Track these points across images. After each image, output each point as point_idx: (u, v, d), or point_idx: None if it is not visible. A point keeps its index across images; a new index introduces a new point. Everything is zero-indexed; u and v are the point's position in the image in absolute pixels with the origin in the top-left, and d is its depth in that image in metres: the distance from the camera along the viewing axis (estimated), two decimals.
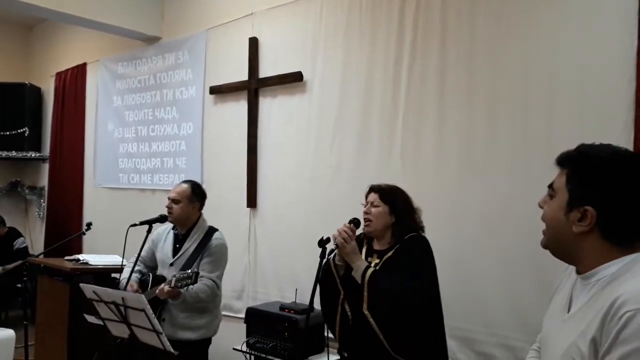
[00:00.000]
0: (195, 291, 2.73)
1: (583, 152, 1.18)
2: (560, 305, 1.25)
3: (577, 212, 1.15)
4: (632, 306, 1.00)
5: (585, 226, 1.13)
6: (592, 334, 1.06)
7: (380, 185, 2.43)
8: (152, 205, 4.54)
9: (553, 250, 1.24)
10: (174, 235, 3.01)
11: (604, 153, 1.15)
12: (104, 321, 2.56)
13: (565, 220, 1.17)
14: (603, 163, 1.14)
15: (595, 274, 1.14)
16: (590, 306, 1.11)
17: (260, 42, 4.12)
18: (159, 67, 4.97)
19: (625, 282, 1.06)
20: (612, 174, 1.12)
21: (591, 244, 1.14)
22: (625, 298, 1.02)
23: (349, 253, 2.24)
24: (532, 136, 2.73)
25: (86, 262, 3.77)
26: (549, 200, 1.23)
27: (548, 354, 1.23)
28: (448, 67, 3.07)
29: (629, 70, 2.47)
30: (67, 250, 4.62)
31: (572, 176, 1.17)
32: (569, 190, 1.17)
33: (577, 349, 1.09)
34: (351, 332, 2.29)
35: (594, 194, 1.12)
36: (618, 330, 1.00)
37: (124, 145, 5.31)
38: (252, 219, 4.13)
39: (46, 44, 6.61)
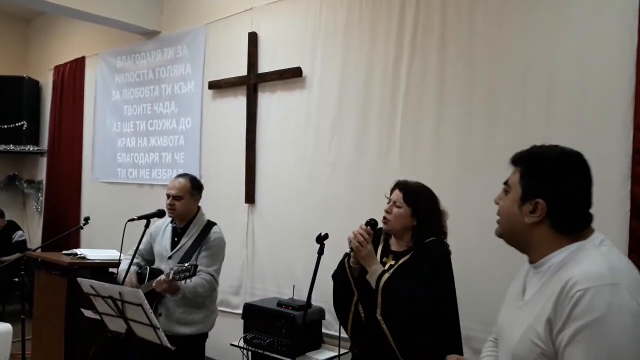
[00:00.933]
0: (193, 286, 2.72)
1: (534, 152, 1.33)
2: (515, 295, 1.37)
3: (529, 205, 1.28)
4: (582, 286, 1.12)
5: (536, 217, 1.27)
6: (547, 315, 1.16)
7: (406, 183, 2.31)
8: (151, 200, 4.53)
9: (507, 239, 1.38)
10: (172, 228, 3.01)
11: (552, 152, 1.30)
12: (101, 316, 2.55)
13: (519, 212, 1.30)
14: (552, 161, 1.28)
15: (545, 262, 1.27)
16: (542, 292, 1.23)
17: (259, 37, 4.11)
18: (158, 62, 4.95)
19: (573, 267, 1.18)
20: (560, 171, 1.26)
21: (542, 233, 1.27)
22: (575, 280, 1.14)
23: (365, 257, 2.17)
24: (531, 135, 2.72)
25: (84, 256, 3.76)
26: (504, 196, 1.36)
27: (505, 341, 1.32)
28: (447, 65, 3.06)
29: (628, 69, 2.47)
30: (65, 245, 4.61)
31: (525, 173, 1.31)
32: (522, 185, 1.30)
33: (534, 331, 1.19)
34: (363, 331, 2.25)
35: (544, 188, 1.26)
36: (571, 308, 1.11)
37: (123, 140, 5.30)
38: (250, 215, 4.13)
39: (44, 37, 6.59)
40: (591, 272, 1.14)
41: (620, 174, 2.47)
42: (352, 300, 2.26)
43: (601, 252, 1.20)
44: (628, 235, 2.44)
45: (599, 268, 1.14)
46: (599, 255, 1.19)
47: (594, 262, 1.17)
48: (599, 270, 1.14)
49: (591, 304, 1.09)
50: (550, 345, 1.15)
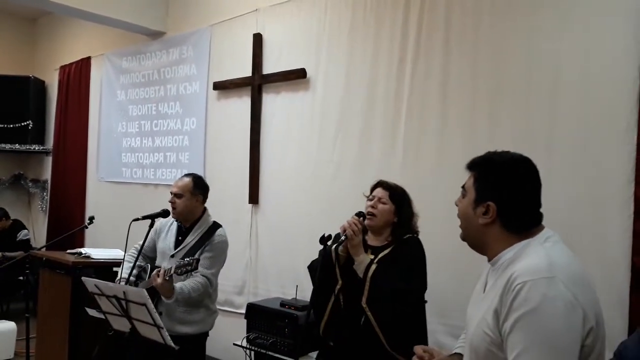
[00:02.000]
0: (187, 291, 2.72)
1: (487, 158, 1.44)
2: (478, 290, 1.49)
3: (482, 207, 1.38)
4: (522, 279, 1.22)
5: (488, 218, 1.37)
6: (494, 306, 1.27)
7: (389, 183, 2.44)
8: (155, 200, 4.55)
9: (469, 242, 1.48)
10: (178, 227, 3.02)
11: (503, 159, 1.41)
12: (105, 315, 2.57)
13: (473, 214, 1.41)
14: (502, 167, 1.39)
15: (499, 259, 1.37)
16: (495, 286, 1.34)
17: (264, 38, 4.12)
18: (163, 62, 4.97)
19: (518, 263, 1.29)
20: (508, 176, 1.37)
21: (494, 233, 1.38)
22: (517, 274, 1.24)
23: (355, 246, 2.26)
24: (535, 136, 2.73)
25: (88, 255, 3.77)
26: (462, 199, 1.46)
27: (469, 331, 1.41)
28: (451, 66, 3.07)
29: (632, 71, 2.47)
30: (70, 244, 4.63)
31: (478, 178, 1.42)
32: (475, 189, 1.41)
33: (485, 322, 1.30)
34: (342, 321, 2.31)
35: (495, 192, 1.36)
36: (512, 300, 1.22)
37: (127, 140, 5.32)
38: (254, 215, 4.14)
39: (50, 37, 6.62)
40: (530, 267, 1.24)
41: (624, 175, 2.47)
42: (334, 289, 2.33)
43: (544, 248, 1.29)
44: (631, 236, 2.44)
45: (538, 263, 1.25)
46: (541, 251, 1.28)
47: (535, 257, 1.27)
48: (537, 264, 1.24)
49: (528, 295, 1.20)
50: (497, 334, 1.26)
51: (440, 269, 2.90)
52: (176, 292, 2.67)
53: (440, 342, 3.04)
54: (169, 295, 2.66)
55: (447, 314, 2.93)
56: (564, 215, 2.56)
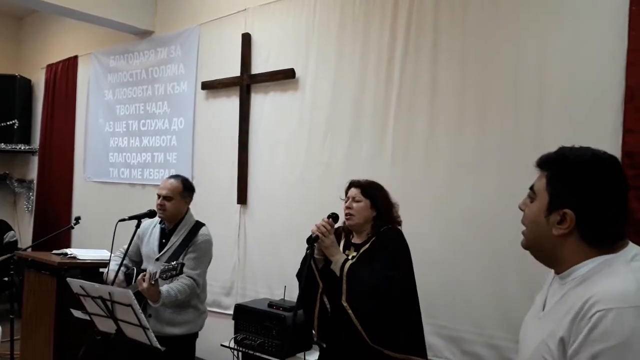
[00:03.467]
0: (174, 294, 2.71)
1: (563, 155, 1.19)
2: (538, 304, 1.27)
3: (556, 214, 1.15)
4: (603, 306, 1.01)
5: (564, 229, 1.15)
6: (561, 333, 1.07)
7: (360, 181, 2.47)
8: (142, 200, 4.51)
9: (534, 252, 1.25)
10: (160, 229, 3.00)
11: (583, 156, 1.16)
12: (90, 316, 2.54)
13: (545, 222, 1.18)
14: (582, 166, 1.15)
15: (570, 273, 1.16)
16: (561, 305, 1.13)
17: (253, 38, 4.11)
18: (151, 62, 4.94)
19: (596, 283, 1.07)
20: (591, 178, 1.13)
21: (570, 246, 1.15)
22: (596, 298, 1.03)
23: (328, 247, 2.28)
24: (522, 136, 2.75)
25: (74, 256, 3.73)
26: (529, 203, 1.24)
27: (523, 350, 1.24)
28: (440, 67, 3.08)
29: (618, 74, 2.49)
30: (56, 245, 4.58)
31: (552, 179, 1.18)
32: (549, 193, 1.18)
33: (546, 347, 1.10)
34: (330, 323, 2.33)
35: (573, 197, 1.14)
36: (589, 330, 1.01)
37: (115, 140, 5.28)
38: (242, 216, 4.12)
39: (37, 36, 6.55)
40: (615, 291, 1.02)
41: None
42: (318, 293, 2.34)
43: (631, 269, 1.07)
44: None
45: (625, 287, 1.03)
46: (628, 272, 1.06)
47: (620, 279, 1.05)
48: (625, 289, 1.02)
49: (612, 327, 0.98)
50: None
51: (428, 268, 2.90)
52: (163, 296, 2.66)
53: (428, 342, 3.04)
54: (155, 299, 2.65)
55: (435, 314, 2.93)
56: None
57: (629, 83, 2.46)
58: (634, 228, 2.41)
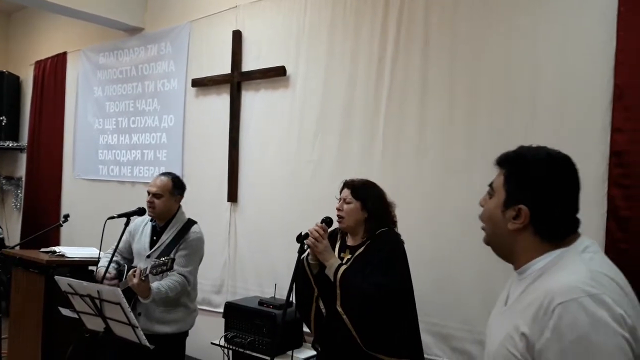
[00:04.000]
0: (165, 291, 2.69)
1: (520, 154, 1.26)
2: (501, 300, 1.33)
3: (512, 210, 1.22)
4: (562, 299, 1.06)
5: (519, 224, 1.21)
6: (524, 328, 1.11)
7: (353, 181, 2.43)
8: (132, 198, 4.49)
9: (493, 247, 1.32)
10: (152, 227, 2.98)
11: (538, 155, 1.23)
12: (79, 314, 2.53)
13: (502, 217, 1.24)
14: (537, 165, 1.21)
15: (527, 268, 1.22)
16: (522, 299, 1.18)
17: (243, 35, 4.09)
18: (141, 59, 4.91)
19: (552, 277, 1.13)
20: (545, 176, 1.19)
21: (525, 240, 1.22)
22: (554, 292, 1.08)
23: (322, 252, 2.26)
24: (512, 135, 2.76)
25: (62, 254, 3.71)
26: (488, 199, 1.30)
27: (488, 345, 1.29)
28: (430, 65, 3.08)
29: (607, 73, 2.51)
30: (45, 243, 4.54)
31: (509, 177, 1.25)
32: (506, 189, 1.24)
33: (511, 340, 1.14)
34: (325, 327, 2.32)
35: (528, 193, 1.20)
36: (554, 325, 1.05)
37: (104, 137, 5.24)
38: (232, 214, 4.11)
39: (25, 32, 6.48)
40: (571, 283, 1.08)
41: (598, 175, 2.51)
42: (313, 297, 2.33)
43: (582, 260, 1.13)
44: (604, 236, 2.48)
45: (578, 278, 1.08)
46: (580, 264, 1.12)
47: (573, 271, 1.11)
48: (579, 279, 1.08)
49: (574, 318, 1.03)
50: (528, 358, 1.10)
51: (419, 266, 2.90)
52: (153, 292, 2.64)
53: None
54: (145, 295, 2.63)
55: (427, 312, 2.94)
56: None
57: (617, 82, 2.47)
58: (621, 225, 2.44)
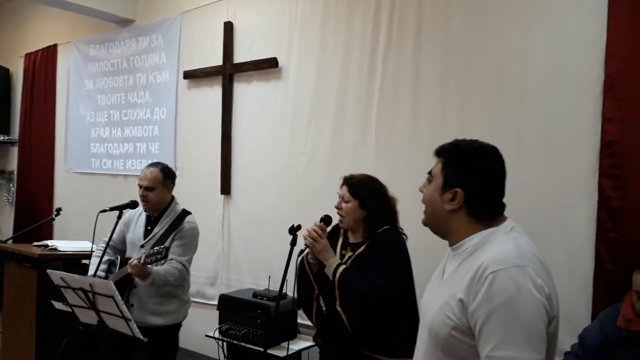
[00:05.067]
0: (164, 274, 2.70)
1: (455, 145, 1.44)
2: (437, 275, 1.50)
3: (449, 193, 1.38)
4: (493, 268, 1.22)
5: (455, 204, 1.37)
6: (460, 295, 1.27)
7: (352, 177, 2.39)
8: (124, 191, 4.47)
9: (432, 227, 1.47)
10: (146, 217, 2.97)
11: (472, 147, 1.41)
12: (72, 308, 2.52)
13: (439, 200, 1.40)
14: (471, 154, 1.39)
15: (462, 245, 1.38)
16: (458, 272, 1.34)
17: (235, 27, 4.07)
18: (132, 51, 4.87)
19: (485, 251, 1.30)
20: (477, 164, 1.37)
21: (459, 219, 1.38)
22: (487, 263, 1.24)
23: (320, 251, 2.25)
24: (504, 126, 2.77)
25: (55, 248, 3.70)
26: (428, 185, 1.46)
27: (425, 316, 1.42)
28: (423, 57, 3.08)
29: (598, 64, 2.52)
30: (37, 236, 4.53)
31: (446, 164, 1.41)
32: (443, 175, 1.40)
33: (448, 306, 1.30)
34: (325, 323, 2.33)
35: (463, 178, 1.36)
36: (485, 289, 1.22)
37: (96, 130, 5.21)
38: (225, 206, 4.11)
39: (15, 24, 6.41)
40: (501, 256, 1.25)
41: (589, 166, 2.53)
42: (314, 295, 2.33)
43: (510, 238, 1.31)
44: (595, 225, 2.50)
45: (508, 251, 1.25)
46: (508, 241, 1.29)
47: (503, 246, 1.28)
48: (508, 253, 1.25)
49: (503, 284, 1.20)
50: (464, 321, 1.25)
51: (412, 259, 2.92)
52: (153, 273, 2.63)
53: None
54: (145, 276, 2.62)
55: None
56: (530, 204, 2.61)
57: (608, 73, 2.49)
58: (612, 215, 2.46)
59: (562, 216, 2.60)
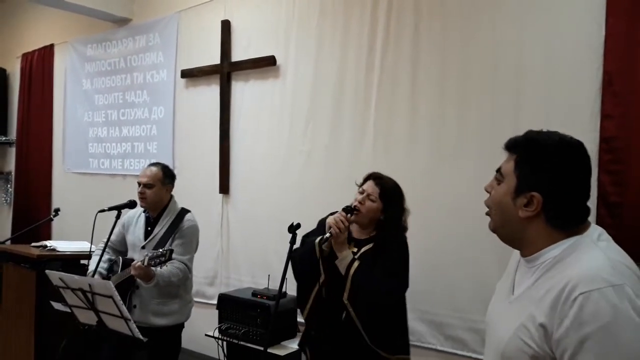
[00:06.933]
0: (167, 275, 2.69)
1: (531, 139, 1.20)
2: (505, 289, 1.28)
3: (523, 197, 1.17)
4: (584, 289, 1.03)
5: (531, 211, 1.17)
6: (542, 319, 1.08)
7: (382, 178, 2.35)
8: (123, 191, 4.46)
9: (501, 234, 1.27)
10: (146, 218, 2.97)
11: (551, 140, 1.18)
12: (71, 308, 2.51)
13: (512, 204, 1.20)
14: (550, 150, 1.16)
15: (539, 257, 1.18)
16: (536, 289, 1.14)
17: (232, 25, 4.06)
18: (130, 50, 4.86)
19: (571, 266, 1.10)
20: (558, 162, 1.15)
21: (536, 228, 1.17)
22: (575, 282, 1.05)
23: (341, 243, 2.23)
24: (501, 122, 2.77)
25: (53, 248, 3.68)
26: (496, 185, 1.26)
27: (495, 335, 1.24)
28: (420, 54, 3.08)
29: (596, 60, 2.52)
30: (36, 237, 4.51)
31: (521, 162, 1.20)
32: (517, 175, 1.19)
33: (526, 331, 1.11)
34: (324, 313, 2.32)
35: (541, 180, 1.15)
36: (575, 314, 1.03)
37: (94, 130, 5.20)
38: (224, 205, 4.10)
39: (11, 24, 6.39)
40: (592, 273, 1.06)
41: None
42: (317, 282, 2.31)
43: (600, 249, 1.11)
44: (595, 221, 2.50)
45: (599, 267, 1.06)
46: (598, 252, 1.10)
47: (593, 260, 1.08)
48: (600, 269, 1.06)
49: (597, 308, 1.01)
50: (546, 349, 1.08)
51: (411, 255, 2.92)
52: (157, 275, 2.63)
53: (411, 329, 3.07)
54: (149, 278, 2.61)
55: (420, 301, 2.96)
56: None
57: (606, 69, 2.48)
58: (610, 211, 2.46)
59: None
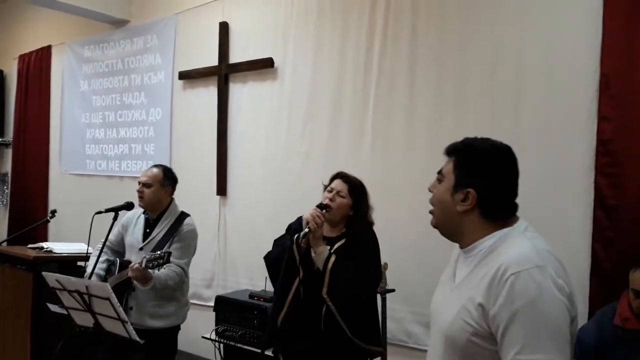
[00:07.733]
0: (164, 278, 2.69)
1: (468, 144, 1.39)
2: (447, 279, 1.44)
3: (461, 193, 1.33)
4: (513, 270, 1.19)
5: (467, 205, 1.32)
6: (479, 299, 1.23)
7: (349, 176, 2.42)
8: (120, 192, 4.45)
9: (442, 229, 1.42)
10: (145, 219, 2.96)
11: (484, 145, 1.36)
12: (67, 310, 2.50)
13: (451, 200, 1.35)
14: (484, 155, 1.34)
15: (475, 247, 1.33)
16: (474, 275, 1.30)
17: (230, 27, 4.06)
18: (127, 51, 4.86)
19: (502, 253, 1.25)
20: (490, 163, 1.33)
21: (472, 220, 1.33)
22: (506, 265, 1.20)
23: (318, 238, 2.26)
24: (499, 124, 2.77)
25: (50, 250, 3.67)
26: (438, 184, 1.41)
27: (439, 321, 1.37)
28: (418, 56, 3.08)
29: (593, 63, 2.52)
30: (32, 239, 4.49)
31: (459, 164, 1.36)
32: (455, 175, 1.35)
33: (467, 312, 1.25)
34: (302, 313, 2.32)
35: (476, 179, 1.32)
36: (507, 292, 1.18)
37: (91, 131, 5.19)
38: (222, 207, 4.09)
39: (8, 25, 6.38)
40: (520, 257, 1.21)
41: (585, 164, 2.53)
42: (295, 280, 2.32)
43: (527, 238, 1.27)
44: (591, 224, 2.51)
45: (526, 252, 1.22)
46: (525, 241, 1.26)
47: (521, 247, 1.24)
48: (526, 254, 1.21)
49: (525, 286, 1.16)
50: (484, 325, 1.21)
51: (408, 256, 2.93)
52: (154, 278, 2.62)
53: (408, 331, 3.08)
54: (146, 281, 2.61)
55: (415, 302, 2.96)
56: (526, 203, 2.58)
57: (604, 71, 2.49)
58: (607, 213, 2.46)
59: (558, 215, 2.60)
